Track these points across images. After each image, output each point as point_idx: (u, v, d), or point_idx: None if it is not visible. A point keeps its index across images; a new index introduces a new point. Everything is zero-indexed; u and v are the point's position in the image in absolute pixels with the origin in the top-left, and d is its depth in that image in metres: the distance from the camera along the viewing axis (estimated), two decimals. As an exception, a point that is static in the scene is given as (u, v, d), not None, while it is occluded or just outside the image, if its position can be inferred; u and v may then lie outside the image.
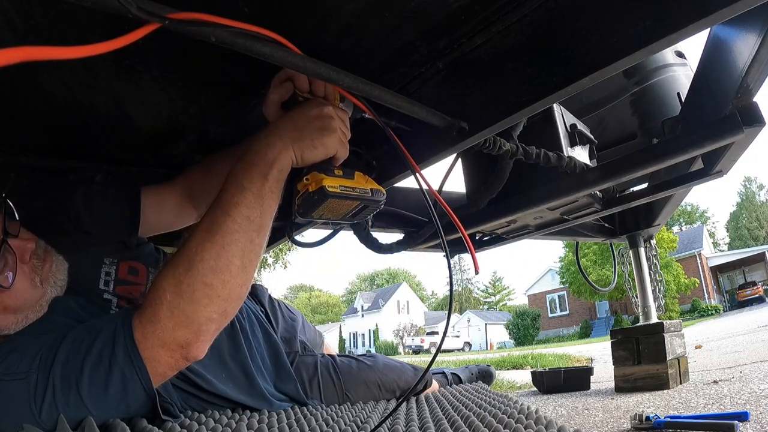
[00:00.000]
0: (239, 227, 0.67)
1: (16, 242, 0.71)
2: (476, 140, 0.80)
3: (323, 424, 0.86)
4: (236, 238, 0.67)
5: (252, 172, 0.69)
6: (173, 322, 0.65)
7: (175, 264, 0.66)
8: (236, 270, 0.67)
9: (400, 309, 37.88)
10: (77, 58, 0.42)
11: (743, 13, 0.53)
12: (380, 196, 0.77)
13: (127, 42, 0.45)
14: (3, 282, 0.68)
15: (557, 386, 2.09)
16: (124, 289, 0.89)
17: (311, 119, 0.72)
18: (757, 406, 1.21)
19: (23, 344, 0.68)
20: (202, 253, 0.65)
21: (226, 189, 0.69)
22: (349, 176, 0.75)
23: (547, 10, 0.68)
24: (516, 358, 5.07)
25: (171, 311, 0.65)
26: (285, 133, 0.71)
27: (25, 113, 0.86)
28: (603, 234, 1.93)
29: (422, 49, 0.76)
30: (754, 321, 6.68)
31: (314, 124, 0.72)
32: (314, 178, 0.72)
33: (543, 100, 0.68)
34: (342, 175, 0.74)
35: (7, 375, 0.63)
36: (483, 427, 0.78)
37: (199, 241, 0.66)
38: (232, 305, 0.69)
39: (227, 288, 0.67)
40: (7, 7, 0.58)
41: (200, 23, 0.47)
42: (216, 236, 0.66)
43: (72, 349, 0.66)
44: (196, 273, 0.65)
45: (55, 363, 0.64)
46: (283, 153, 0.70)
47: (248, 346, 1.07)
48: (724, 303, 21.36)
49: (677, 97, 1.33)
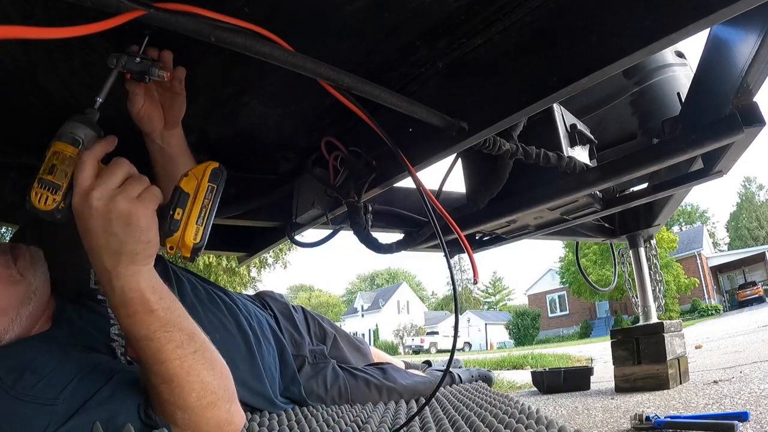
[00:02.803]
0: (180, 359, 0.65)
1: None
2: (476, 140, 0.80)
3: (324, 425, 0.86)
4: (187, 366, 0.65)
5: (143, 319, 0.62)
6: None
7: (171, 413, 0.67)
8: (212, 377, 0.68)
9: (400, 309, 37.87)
10: (56, 38, 0.43)
11: (743, 13, 0.53)
12: (219, 173, 0.66)
13: (110, 26, 0.45)
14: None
15: (557, 386, 2.09)
16: None
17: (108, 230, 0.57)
18: (757, 406, 1.21)
19: (39, 364, 0.67)
20: (185, 397, 0.65)
21: (139, 344, 0.64)
22: (181, 201, 0.62)
23: (547, 10, 0.68)
24: (516, 358, 5.07)
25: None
26: (116, 266, 0.58)
27: (25, 113, 0.86)
28: (603, 234, 1.93)
29: (422, 49, 0.76)
30: (754, 321, 6.67)
31: (118, 231, 0.57)
32: (172, 242, 0.62)
33: (543, 100, 0.68)
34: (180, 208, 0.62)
35: (29, 396, 0.63)
36: (484, 426, 0.78)
37: (168, 391, 0.65)
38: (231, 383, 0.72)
39: (219, 388, 0.69)
40: (7, 7, 0.58)
41: (185, 13, 0.48)
42: (174, 382, 0.65)
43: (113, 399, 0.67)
44: (192, 409, 0.66)
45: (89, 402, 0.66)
46: (135, 278, 0.60)
47: (259, 349, 1.07)
48: (724, 303, 21.34)
49: (677, 97, 1.33)
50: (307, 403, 1.13)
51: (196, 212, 0.62)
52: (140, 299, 0.61)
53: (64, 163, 0.57)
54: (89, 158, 0.57)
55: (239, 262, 1.93)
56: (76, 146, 0.58)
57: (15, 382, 0.63)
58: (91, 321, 0.82)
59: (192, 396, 0.66)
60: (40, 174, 0.57)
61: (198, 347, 0.67)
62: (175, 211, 0.61)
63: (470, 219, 1.26)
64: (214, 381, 0.68)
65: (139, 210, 0.57)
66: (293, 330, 1.30)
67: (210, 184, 0.64)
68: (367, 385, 1.25)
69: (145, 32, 0.63)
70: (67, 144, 0.58)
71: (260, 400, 1.02)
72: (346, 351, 1.43)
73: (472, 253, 0.72)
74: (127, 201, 0.57)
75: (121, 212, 0.56)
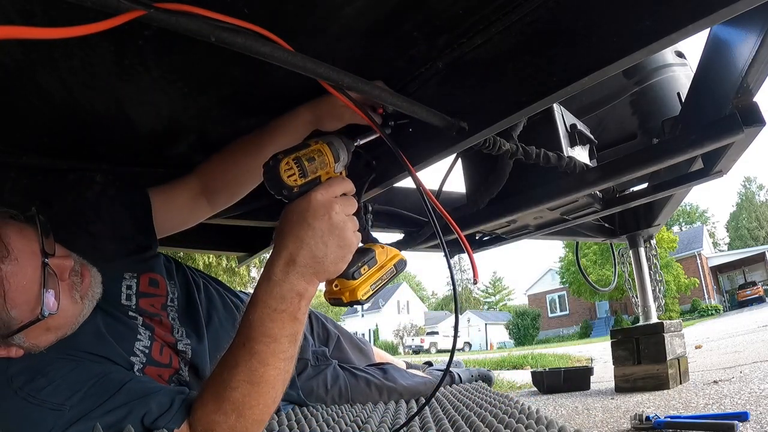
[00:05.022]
0: (279, 372, 0.67)
1: (56, 261, 0.69)
2: (476, 140, 0.79)
3: (324, 425, 0.86)
4: (278, 380, 0.68)
5: (283, 320, 0.66)
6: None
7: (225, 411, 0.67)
8: (275, 398, 0.69)
9: (400, 309, 37.87)
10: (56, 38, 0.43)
11: (743, 13, 0.53)
12: (403, 265, 0.76)
13: (110, 26, 0.45)
14: (49, 308, 0.66)
15: (557, 386, 2.09)
16: (146, 302, 0.88)
17: (325, 238, 0.65)
18: (757, 406, 1.21)
19: (52, 366, 0.68)
20: (250, 403, 0.66)
21: (258, 339, 0.66)
22: (371, 262, 0.71)
23: (547, 10, 0.68)
24: (516, 358, 5.07)
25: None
26: (305, 269, 0.65)
27: (25, 113, 0.86)
28: (603, 234, 1.93)
29: (422, 49, 0.76)
30: (754, 321, 6.67)
31: (331, 244, 0.65)
32: (343, 285, 0.69)
33: (543, 100, 0.67)
34: (367, 266, 0.70)
35: (35, 399, 0.63)
36: (484, 426, 0.78)
37: (245, 393, 0.66)
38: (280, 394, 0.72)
39: (268, 412, 0.69)
40: (7, 7, 0.58)
41: (185, 13, 0.47)
42: (261, 388, 0.66)
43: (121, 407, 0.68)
44: (245, 420, 0.67)
45: (95, 411, 0.66)
46: (309, 290, 0.67)
47: None
48: (724, 303, 21.33)
49: (677, 97, 1.33)
50: (306, 404, 1.13)
51: (375, 279, 0.71)
52: (297, 304, 0.66)
53: (322, 164, 0.67)
54: (347, 183, 0.69)
55: (239, 262, 1.93)
56: (335, 160, 0.69)
57: (25, 384, 0.64)
58: (116, 332, 0.81)
59: (259, 405, 0.67)
60: (299, 154, 0.64)
61: (290, 370, 0.69)
62: (363, 266, 0.70)
63: (470, 219, 1.26)
64: (275, 403, 0.70)
65: (354, 244, 0.68)
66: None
67: (394, 267, 0.74)
68: (367, 385, 1.25)
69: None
70: (330, 152, 0.68)
71: None
72: (349, 351, 1.42)
73: (472, 253, 0.72)
74: (353, 234, 0.68)
75: (345, 240, 0.66)
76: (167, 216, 0.99)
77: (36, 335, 0.68)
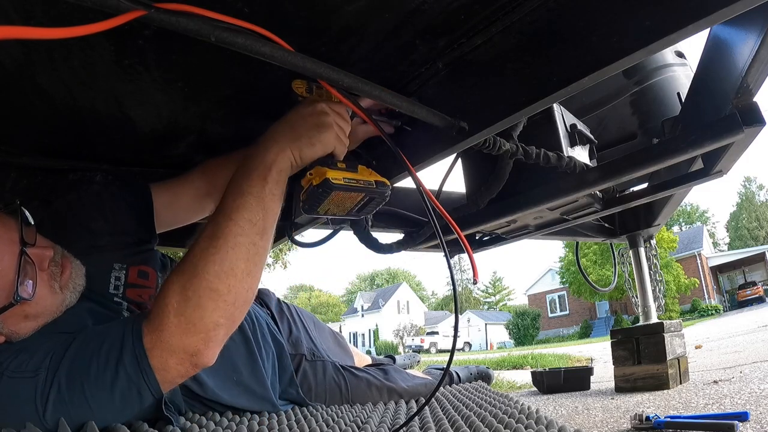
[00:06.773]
0: (242, 231, 0.67)
1: (34, 251, 0.71)
2: (476, 140, 0.79)
3: (323, 425, 0.86)
4: (240, 242, 0.67)
5: (252, 176, 0.70)
6: (181, 330, 0.65)
7: (181, 271, 0.66)
8: (241, 274, 0.67)
9: (400, 309, 37.87)
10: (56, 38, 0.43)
11: (743, 13, 0.52)
12: (385, 187, 0.77)
13: (110, 26, 0.45)
14: (24, 294, 0.68)
15: (557, 386, 2.08)
16: (134, 292, 0.89)
17: (306, 117, 0.73)
18: (757, 406, 1.21)
19: (34, 343, 0.68)
20: (207, 259, 0.66)
21: (228, 194, 0.70)
22: (352, 169, 0.75)
23: (547, 10, 0.68)
24: (516, 358, 5.07)
25: (178, 318, 0.65)
26: (281, 136, 0.72)
27: (25, 113, 0.86)
28: (603, 234, 1.93)
29: (422, 49, 0.76)
30: (754, 321, 6.68)
31: (309, 121, 0.73)
32: (317, 171, 0.72)
33: (543, 100, 0.67)
34: (345, 168, 0.74)
35: (17, 373, 0.64)
36: (484, 426, 0.78)
37: (203, 247, 0.66)
38: (238, 310, 0.69)
39: (233, 292, 0.67)
40: (7, 7, 0.58)
41: (185, 13, 0.48)
42: (219, 241, 0.66)
43: (80, 350, 0.66)
44: (201, 279, 0.65)
45: (63, 363, 0.65)
46: (280, 155, 0.71)
47: (260, 352, 1.07)
48: (724, 303, 21.34)
49: (677, 97, 1.33)
50: (306, 403, 1.13)
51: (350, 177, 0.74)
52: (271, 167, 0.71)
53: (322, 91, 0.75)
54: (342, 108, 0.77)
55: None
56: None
57: (10, 363, 0.65)
58: (99, 315, 0.81)
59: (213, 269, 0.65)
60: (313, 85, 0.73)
61: (257, 241, 0.69)
62: (341, 164, 0.75)
63: (470, 219, 1.26)
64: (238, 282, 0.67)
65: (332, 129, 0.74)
66: (291, 327, 1.31)
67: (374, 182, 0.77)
68: (368, 386, 1.25)
69: None
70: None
71: (265, 404, 1.02)
72: (331, 342, 1.46)
73: (472, 253, 0.72)
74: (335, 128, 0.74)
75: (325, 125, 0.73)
76: (170, 213, 1.00)
77: (15, 322, 0.70)
